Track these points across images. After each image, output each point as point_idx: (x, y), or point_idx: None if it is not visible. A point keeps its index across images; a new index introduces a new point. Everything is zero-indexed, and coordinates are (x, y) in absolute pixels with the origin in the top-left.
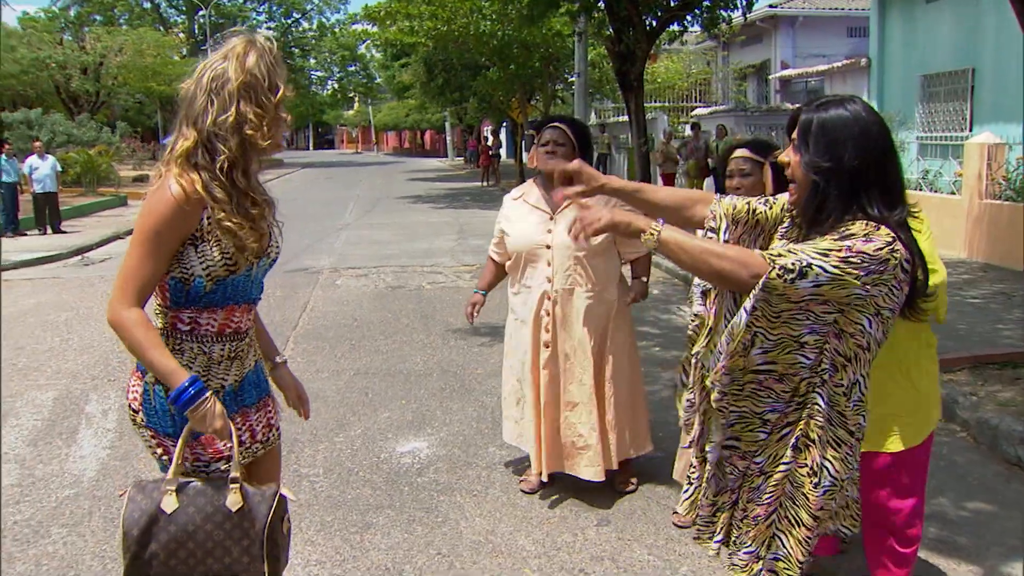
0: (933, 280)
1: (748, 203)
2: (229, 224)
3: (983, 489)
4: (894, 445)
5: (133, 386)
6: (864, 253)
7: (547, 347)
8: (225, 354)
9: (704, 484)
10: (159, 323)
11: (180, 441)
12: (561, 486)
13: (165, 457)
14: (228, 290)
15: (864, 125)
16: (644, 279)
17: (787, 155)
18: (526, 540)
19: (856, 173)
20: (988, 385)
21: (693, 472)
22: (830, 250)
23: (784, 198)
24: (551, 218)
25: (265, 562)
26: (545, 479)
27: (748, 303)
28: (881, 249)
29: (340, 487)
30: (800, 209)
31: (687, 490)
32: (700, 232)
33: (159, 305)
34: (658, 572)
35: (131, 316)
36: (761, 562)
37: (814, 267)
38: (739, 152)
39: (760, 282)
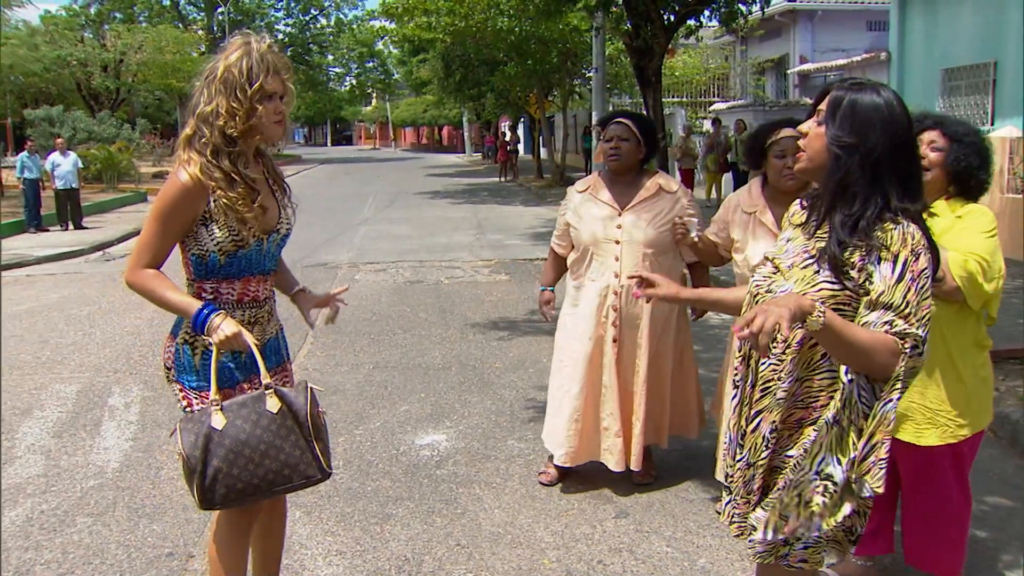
0: (990, 287)
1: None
2: (225, 201)
3: (1003, 484)
4: (928, 439)
5: (167, 347)
6: (923, 272)
7: (615, 342)
8: (245, 319)
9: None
10: (188, 287)
11: (213, 360)
12: (579, 479)
13: (189, 409)
14: (242, 263)
15: (893, 113)
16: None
17: (807, 125)
18: (545, 532)
19: (880, 158)
20: (1009, 380)
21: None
22: (907, 299)
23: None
24: (619, 213)
25: (316, 444)
26: (636, 466)
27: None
28: (927, 259)
29: (360, 479)
30: (822, 183)
31: (727, 500)
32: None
33: (187, 279)
34: (676, 564)
35: (144, 273)
36: (788, 547)
37: (916, 328)
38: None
39: (899, 373)
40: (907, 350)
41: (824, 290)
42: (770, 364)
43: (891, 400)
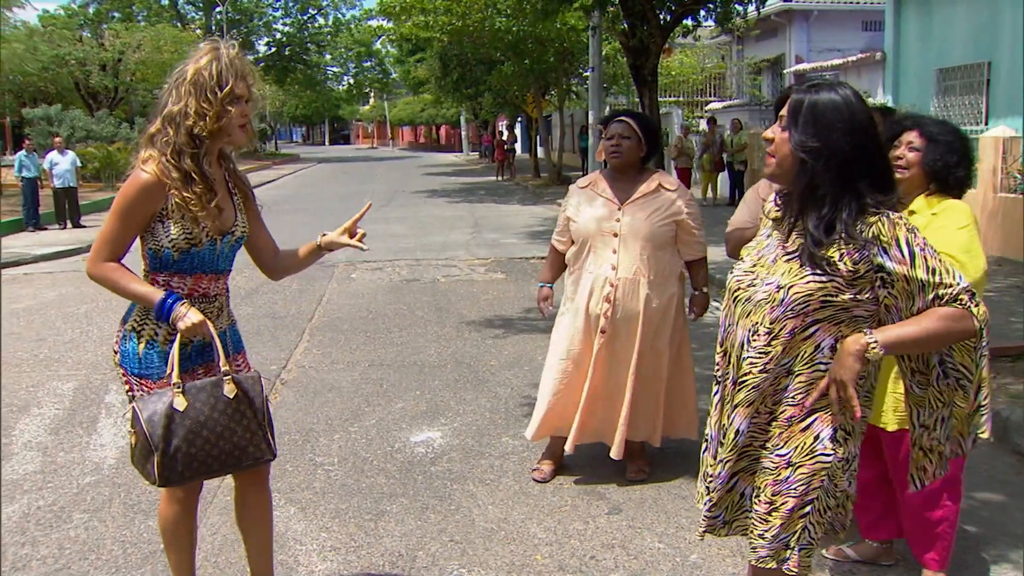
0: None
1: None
2: (179, 200)
3: (993, 480)
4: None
5: (117, 332)
6: (925, 240)
7: (603, 333)
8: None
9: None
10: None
11: (175, 347)
12: (573, 475)
13: (131, 392)
14: (195, 260)
15: (853, 111)
16: (704, 290)
17: (772, 131)
18: (538, 528)
19: (846, 157)
20: (1000, 378)
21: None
22: (931, 266)
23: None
24: (619, 208)
25: (267, 431)
26: (569, 448)
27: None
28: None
29: (355, 476)
30: (791, 187)
31: (708, 499)
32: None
33: (143, 269)
34: (668, 560)
35: (106, 266)
36: (789, 551)
37: (958, 282)
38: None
39: (981, 323)
40: (968, 304)
41: (812, 282)
42: (748, 357)
43: (984, 347)
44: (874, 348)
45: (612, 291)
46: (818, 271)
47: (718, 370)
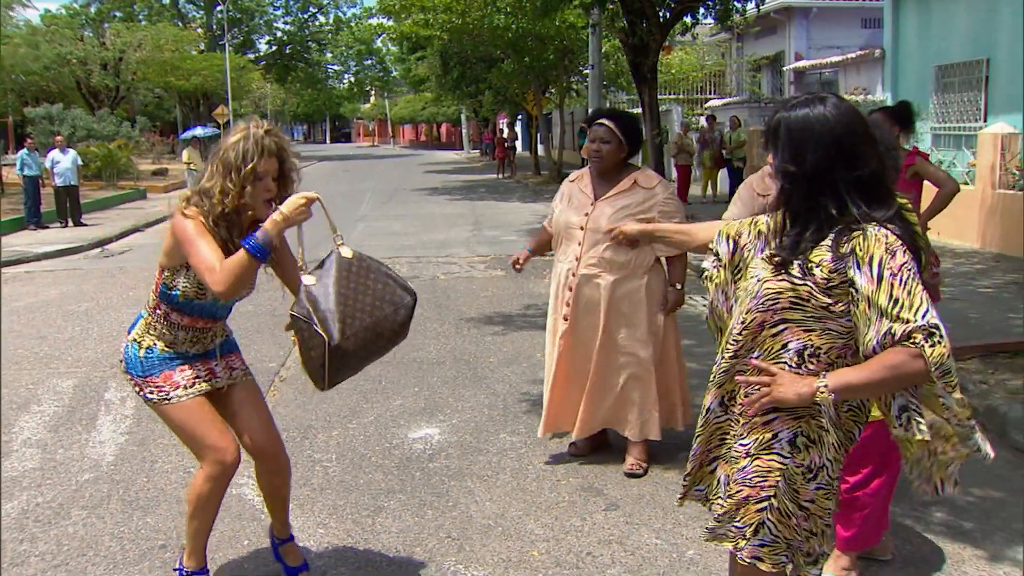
0: None
1: (752, 219)
2: None
3: (990, 476)
4: None
5: (123, 343)
6: (904, 266)
7: (565, 320)
8: (188, 338)
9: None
10: (148, 303)
11: (301, 232)
12: (570, 471)
13: (141, 393)
14: (195, 307)
15: (825, 125)
16: (679, 286)
17: (770, 160)
18: (535, 524)
19: (817, 173)
20: (998, 374)
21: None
22: (894, 296)
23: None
24: (592, 203)
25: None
26: (540, 434)
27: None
28: (906, 254)
29: (352, 472)
30: (771, 204)
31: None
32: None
33: (152, 291)
34: (665, 556)
35: (218, 273)
36: (747, 543)
37: (918, 319)
38: None
39: (934, 366)
40: (923, 343)
41: (783, 281)
42: (728, 341)
43: (949, 395)
44: (822, 393)
45: (573, 281)
46: (792, 273)
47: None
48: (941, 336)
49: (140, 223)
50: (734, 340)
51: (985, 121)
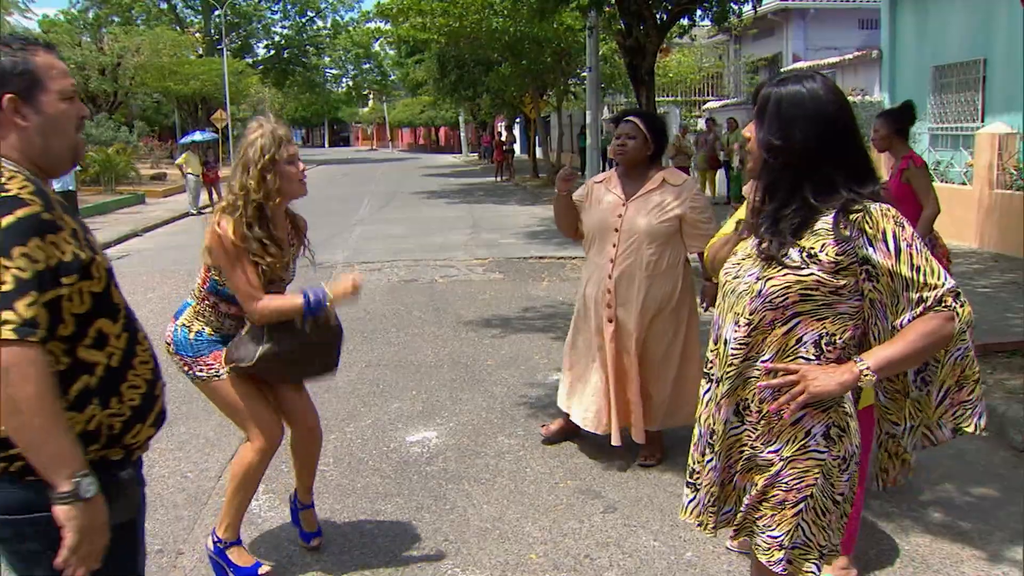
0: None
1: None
2: (262, 262)
3: (989, 475)
4: None
5: (169, 328)
6: (914, 235)
7: (610, 322)
8: (235, 324)
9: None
10: (196, 292)
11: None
12: (568, 474)
13: (188, 371)
14: None
15: (819, 104)
16: (715, 280)
17: (748, 129)
18: (533, 527)
19: (808, 151)
20: (996, 373)
21: (696, 476)
22: (916, 264)
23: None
24: (623, 204)
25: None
26: (617, 442)
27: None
28: (911, 227)
29: (350, 476)
30: (758, 184)
31: (691, 497)
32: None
33: (198, 286)
34: (663, 558)
35: (261, 305)
36: (783, 551)
37: (943, 283)
38: None
39: (963, 325)
40: (953, 307)
41: (789, 275)
42: (730, 348)
43: (959, 350)
44: (867, 376)
45: (610, 282)
46: (797, 265)
47: (710, 367)
48: (962, 298)
49: (139, 228)
50: (741, 343)
51: (983, 121)
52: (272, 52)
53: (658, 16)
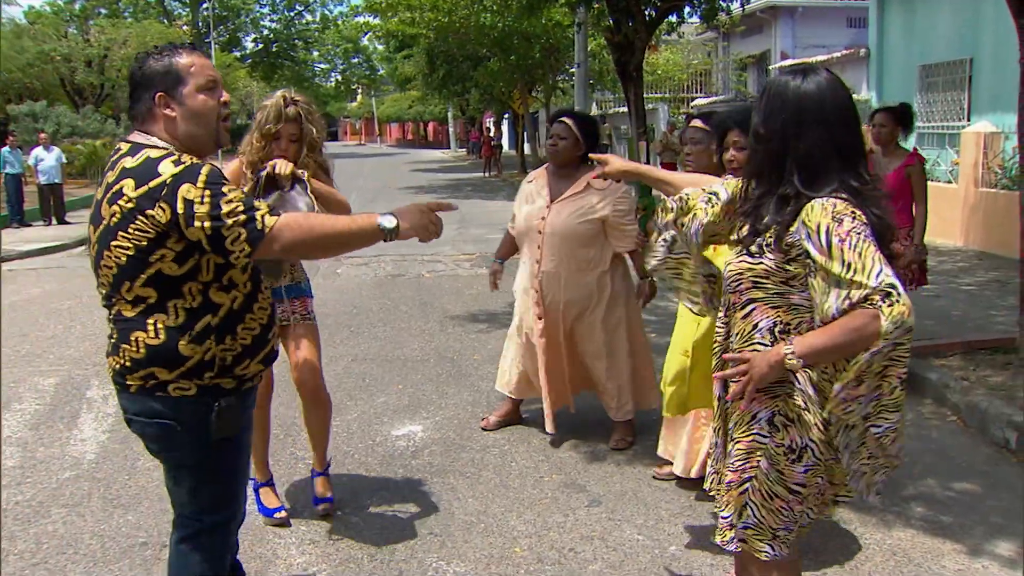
0: None
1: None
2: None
3: (971, 471)
4: None
5: None
6: (852, 230)
7: (540, 319)
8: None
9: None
10: None
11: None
12: (553, 468)
13: None
14: None
15: (797, 94)
16: (651, 278)
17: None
18: (517, 520)
19: (788, 142)
20: (979, 370)
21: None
22: (847, 261)
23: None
24: (548, 206)
25: None
26: (551, 429)
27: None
28: (855, 220)
29: (335, 469)
30: (743, 171)
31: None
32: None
33: None
34: (647, 552)
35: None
36: (734, 530)
37: (872, 281)
38: None
39: (893, 324)
40: (879, 305)
41: (743, 262)
42: (717, 327)
43: (875, 351)
44: (791, 360)
45: (536, 282)
46: (751, 254)
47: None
48: (899, 295)
49: None
50: (722, 323)
51: (968, 120)
52: (260, 46)
53: (647, 13)
